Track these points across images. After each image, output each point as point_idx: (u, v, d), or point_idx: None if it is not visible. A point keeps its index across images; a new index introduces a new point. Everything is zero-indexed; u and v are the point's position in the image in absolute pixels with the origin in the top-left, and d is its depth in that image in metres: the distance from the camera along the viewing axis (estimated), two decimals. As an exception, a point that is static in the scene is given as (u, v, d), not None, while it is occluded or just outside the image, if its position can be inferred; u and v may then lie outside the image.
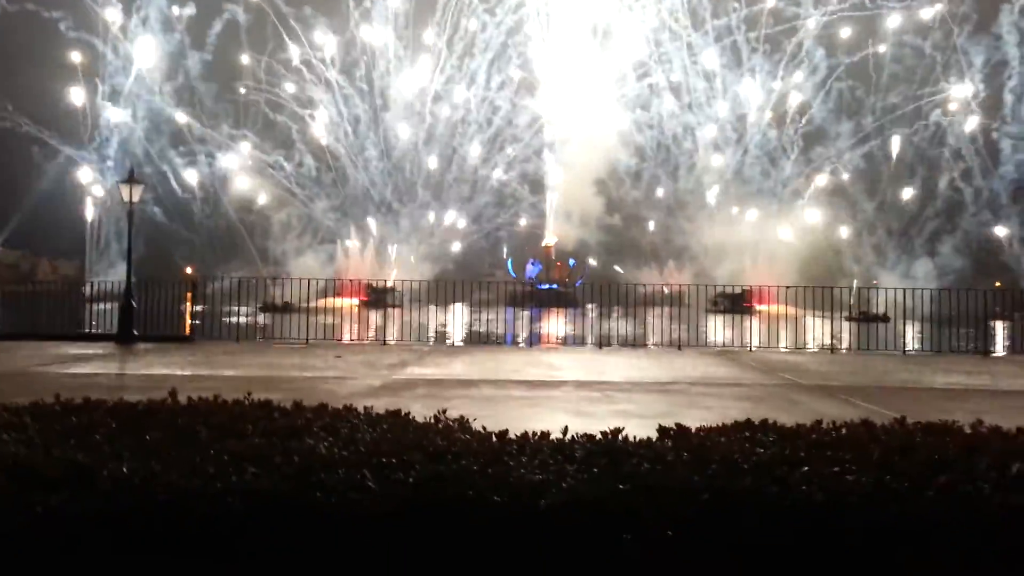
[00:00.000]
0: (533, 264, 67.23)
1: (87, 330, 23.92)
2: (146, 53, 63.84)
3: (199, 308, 25.57)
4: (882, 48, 59.47)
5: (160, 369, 13.82)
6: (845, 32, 60.54)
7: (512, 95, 65.96)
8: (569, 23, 63.13)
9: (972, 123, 58.53)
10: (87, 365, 14.46)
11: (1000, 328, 22.85)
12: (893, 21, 59.17)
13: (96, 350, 16.94)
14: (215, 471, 3.71)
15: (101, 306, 25.38)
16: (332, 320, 24.02)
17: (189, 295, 27.52)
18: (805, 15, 60.74)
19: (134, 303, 19.63)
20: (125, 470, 3.63)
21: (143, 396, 5.76)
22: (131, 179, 20.00)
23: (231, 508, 3.51)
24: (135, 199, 19.99)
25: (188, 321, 25.66)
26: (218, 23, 63.61)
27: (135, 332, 19.26)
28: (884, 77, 60.48)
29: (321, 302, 25.34)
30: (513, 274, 65.89)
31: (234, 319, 21.17)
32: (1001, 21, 56.40)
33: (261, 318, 26.38)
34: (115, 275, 27.81)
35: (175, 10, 63.54)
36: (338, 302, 31.16)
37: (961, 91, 58.52)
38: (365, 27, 65.57)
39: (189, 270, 58.56)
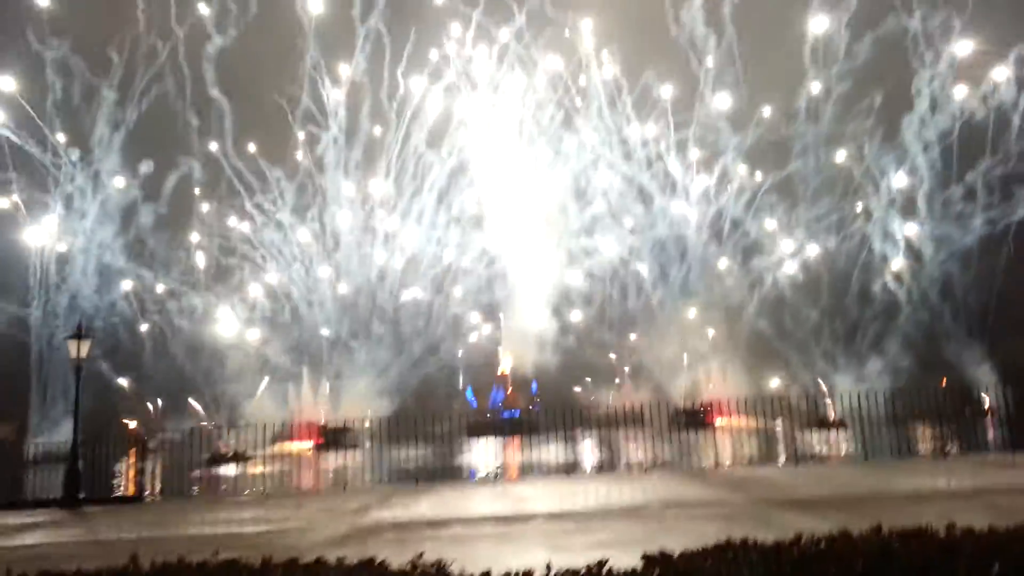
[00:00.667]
0: (497, 390, 66.71)
1: (28, 497, 22.64)
2: (96, 210, 64.13)
3: (147, 463, 24.59)
4: (799, 163, 63.46)
5: (112, 533, 13.08)
6: (769, 149, 64.46)
7: (460, 230, 67.81)
8: (509, 159, 65.95)
9: (895, 225, 61.97)
10: (33, 535, 13.61)
11: (949, 426, 23.30)
12: (812, 135, 63.45)
13: (41, 517, 15.98)
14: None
15: (41, 469, 24.19)
16: (288, 467, 23.31)
17: (133, 451, 26.47)
18: (726, 140, 64.88)
19: (80, 465, 18.76)
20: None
21: (99, 564, 5.46)
22: (79, 334, 19.60)
23: None
24: (83, 355, 19.52)
25: (134, 479, 24.59)
26: (172, 176, 64.46)
27: (81, 495, 18.31)
28: (809, 189, 64.17)
29: (276, 448, 24.64)
30: (474, 403, 65.27)
31: (184, 475, 20.35)
32: (904, 131, 60.98)
33: (211, 471, 25.44)
34: (58, 434, 26.66)
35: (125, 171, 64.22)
36: (293, 446, 30.33)
37: (878, 198, 62.36)
38: (318, 170, 67.32)
39: (132, 424, 56.47)
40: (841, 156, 63.31)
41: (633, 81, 66.27)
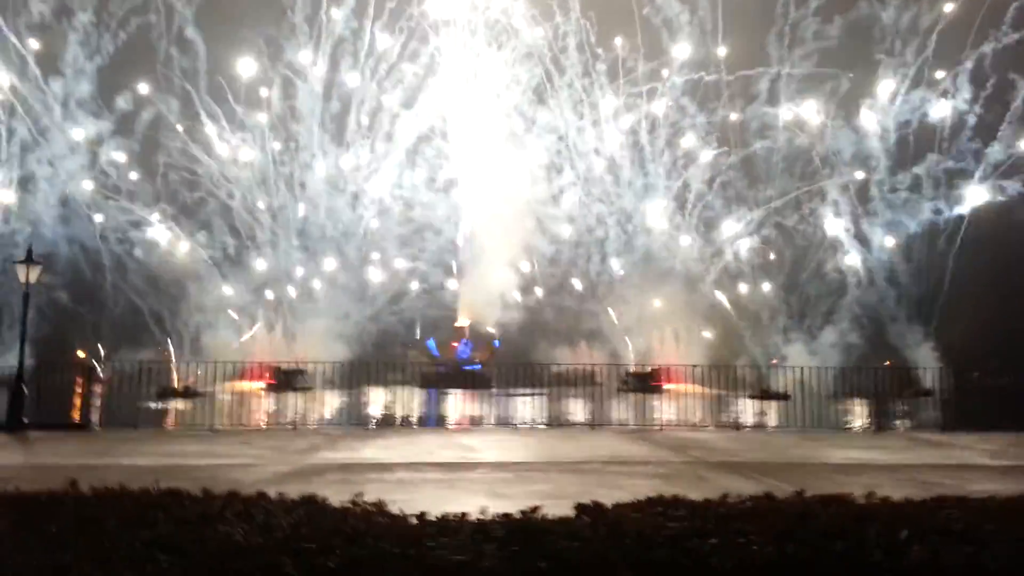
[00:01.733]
0: (465, 344, 66.87)
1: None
2: (61, 136, 61.92)
3: (97, 393, 24.31)
4: (759, 144, 64.47)
5: (55, 459, 13.00)
6: (734, 127, 65.21)
7: (430, 190, 67.46)
8: (482, 125, 65.42)
9: (846, 209, 63.38)
10: (-29, 456, 13.49)
11: (891, 405, 24.18)
12: (775, 118, 64.29)
13: (-19, 440, 15.81)
14: (127, 561, 3.60)
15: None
16: (237, 404, 23.24)
17: (81, 380, 26.11)
18: (693, 117, 65.49)
19: (25, 389, 18.51)
20: (31, 564, 3.50)
21: (40, 488, 5.48)
22: (28, 259, 19.18)
23: (144, 599, 3.42)
24: (32, 280, 19.13)
25: (80, 407, 24.31)
26: (144, 111, 62.51)
27: (25, 420, 18.10)
28: (771, 169, 65.19)
29: (227, 386, 24.54)
30: (437, 353, 65.47)
31: (133, 406, 20.20)
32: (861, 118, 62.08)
33: (161, 403, 25.29)
34: (7, 360, 26.16)
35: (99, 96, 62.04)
36: (243, 385, 30.20)
37: (836, 183, 63.69)
38: (293, 117, 65.93)
39: (81, 354, 55.57)
40: (801, 138, 64.30)
41: (608, 55, 66.13)
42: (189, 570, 3.59)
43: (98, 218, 63.35)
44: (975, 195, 59.44)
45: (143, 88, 62.85)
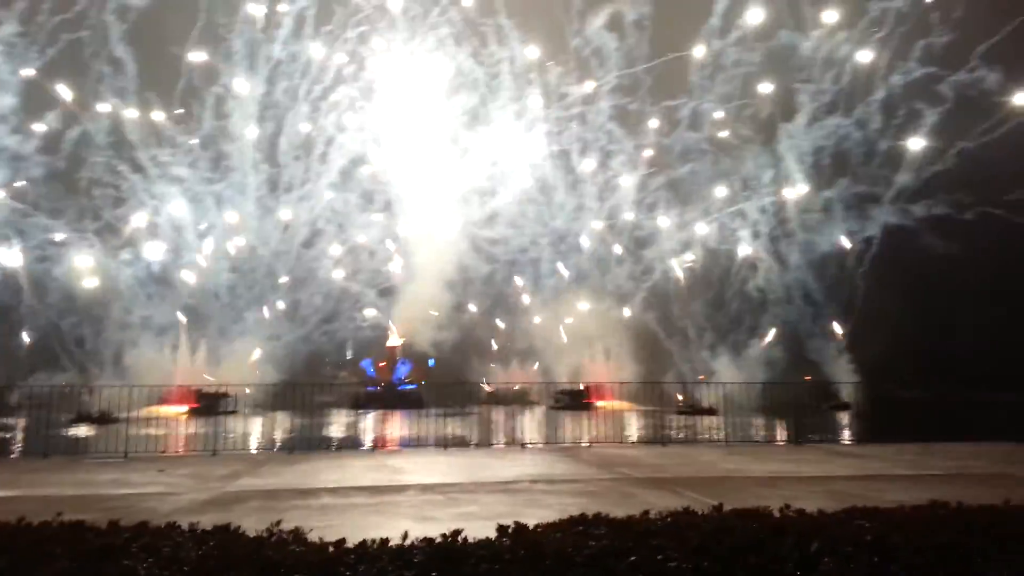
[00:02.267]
0: (402, 363, 66.14)
1: None
2: None
3: (9, 420, 23.07)
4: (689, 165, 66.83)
5: (-50, 492, 12.25)
6: (663, 149, 67.30)
7: (362, 208, 66.93)
8: (418, 143, 65.36)
9: (761, 228, 66.00)
10: None
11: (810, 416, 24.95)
12: (698, 142, 66.81)
13: None
14: (16, 602, 3.39)
15: None
16: (156, 430, 22.37)
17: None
18: (621, 141, 67.41)
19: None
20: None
21: (-71, 523, 5.14)
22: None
23: (33, 643, 3.21)
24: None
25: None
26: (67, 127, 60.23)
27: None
28: (694, 191, 67.51)
29: (145, 411, 23.62)
30: (372, 374, 64.56)
31: (43, 432, 19.21)
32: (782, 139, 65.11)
33: (74, 430, 24.16)
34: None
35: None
36: (165, 410, 29.10)
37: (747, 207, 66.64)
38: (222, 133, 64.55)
39: (-11, 379, 52.80)
40: (723, 161, 66.70)
41: (540, 80, 67.24)
42: (85, 609, 3.40)
43: (13, 237, 60.59)
44: (883, 218, 62.50)
45: (67, 101, 60.63)
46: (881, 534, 4.85)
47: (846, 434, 22.94)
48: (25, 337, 59.58)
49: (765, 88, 64.07)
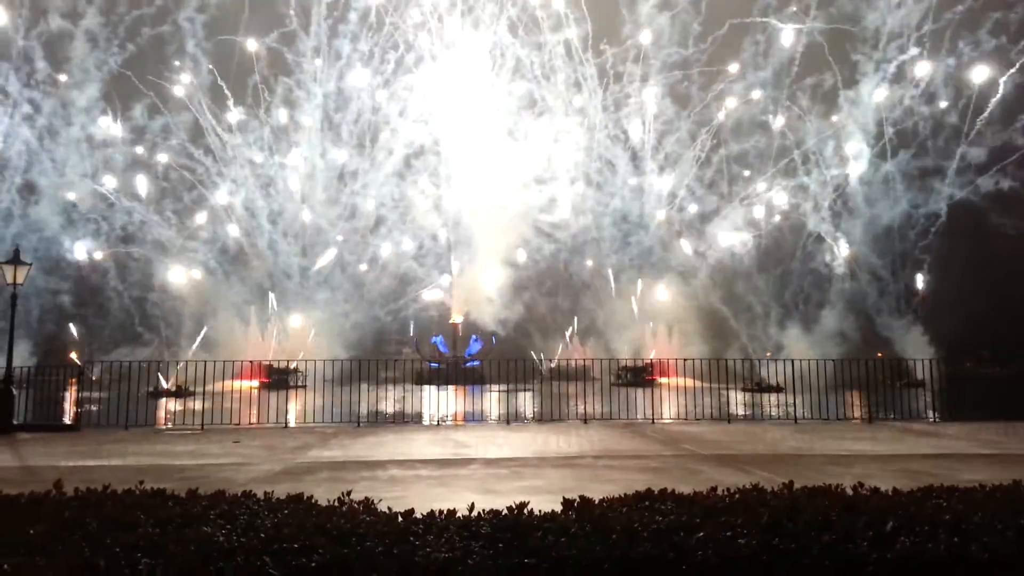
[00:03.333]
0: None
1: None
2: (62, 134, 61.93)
3: (93, 394, 24.18)
4: (754, 139, 65.28)
5: (43, 460, 12.94)
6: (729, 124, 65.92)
7: (423, 185, 67.72)
8: (480, 112, 65.39)
9: (829, 202, 64.00)
10: (-42, 459, 13.40)
11: (883, 395, 24.22)
12: (759, 117, 65.16)
13: (-32, 442, 15.72)
14: (106, 564, 3.56)
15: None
16: (230, 403, 23.14)
17: (74, 380, 26.02)
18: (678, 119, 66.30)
19: (13, 391, 18.43)
20: (7, 567, 3.45)
21: (25, 489, 5.44)
22: (16, 259, 19.07)
23: (122, 602, 3.38)
24: (19, 280, 19.02)
25: (72, 408, 24.19)
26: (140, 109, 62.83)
27: (15, 422, 18.02)
28: (758, 166, 65.95)
29: (218, 385, 24.43)
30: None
31: (124, 406, 20.08)
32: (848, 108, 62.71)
33: (152, 403, 25.16)
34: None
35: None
36: (236, 385, 30.05)
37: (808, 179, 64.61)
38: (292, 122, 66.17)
39: (74, 355, 55.51)
40: (788, 132, 64.90)
41: (596, 61, 66.47)
42: (169, 572, 3.55)
43: (102, 221, 63.61)
44: (952, 191, 60.12)
45: (149, 92, 63.08)
46: (960, 514, 4.68)
47: (921, 412, 22.18)
48: (110, 315, 62.53)
49: (824, 60, 62.25)
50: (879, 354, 50.34)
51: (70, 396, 26.02)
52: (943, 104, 60.48)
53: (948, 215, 59.21)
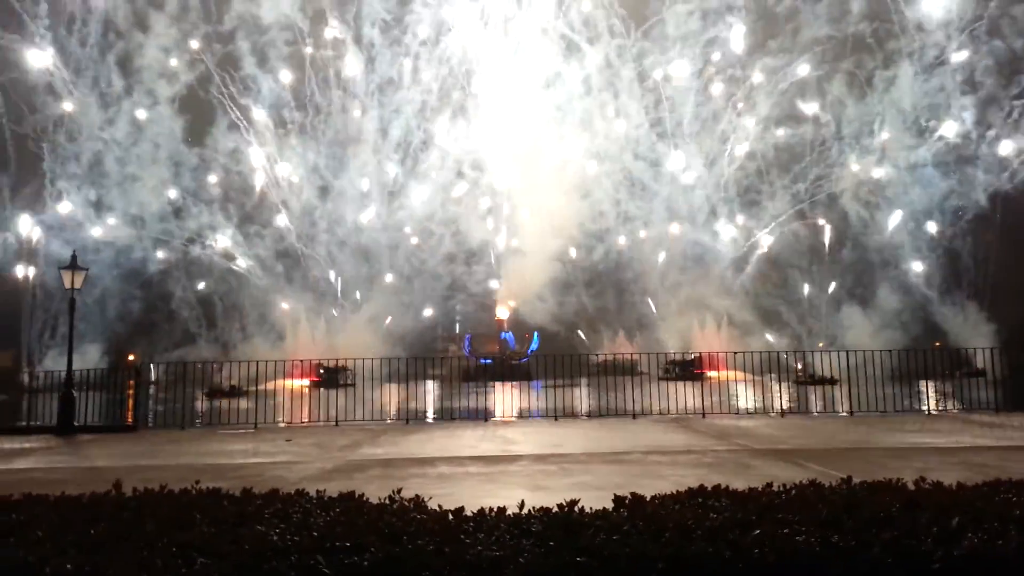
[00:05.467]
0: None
1: (25, 423, 22.98)
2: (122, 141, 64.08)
3: (151, 394, 24.85)
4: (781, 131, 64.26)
5: (103, 461, 13.32)
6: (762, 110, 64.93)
7: (466, 182, 68.24)
8: (517, 107, 65.38)
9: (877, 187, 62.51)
10: (25, 460, 13.87)
11: (942, 386, 23.56)
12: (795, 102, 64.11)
13: (35, 443, 16.27)
14: (163, 563, 3.62)
15: (42, 396, 24.47)
16: (282, 402, 23.53)
17: (132, 382, 26.78)
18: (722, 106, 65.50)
19: (74, 394, 19.03)
20: (69, 567, 3.52)
21: (86, 490, 5.58)
22: (73, 265, 19.66)
23: (180, 601, 3.43)
24: (78, 286, 19.61)
25: (130, 410, 24.88)
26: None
27: (76, 423, 18.61)
28: (802, 155, 64.84)
29: (271, 384, 24.88)
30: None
31: (181, 407, 20.60)
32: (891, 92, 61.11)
33: (208, 403, 25.72)
34: (61, 363, 27.02)
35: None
36: (288, 383, 30.59)
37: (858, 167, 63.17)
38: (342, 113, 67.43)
39: (131, 357, 57.21)
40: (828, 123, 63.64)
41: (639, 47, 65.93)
42: (224, 571, 3.59)
43: (167, 228, 65.65)
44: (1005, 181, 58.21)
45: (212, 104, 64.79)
46: (1031, 509, 4.48)
47: (982, 403, 21.48)
48: (176, 319, 64.53)
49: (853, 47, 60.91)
50: (936, 343, 48.96)
51: (129, 398, 26.76)
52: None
53: (1007, 203, 57.32)
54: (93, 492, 5.26)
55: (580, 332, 62.61)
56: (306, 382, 36.86)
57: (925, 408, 19.60)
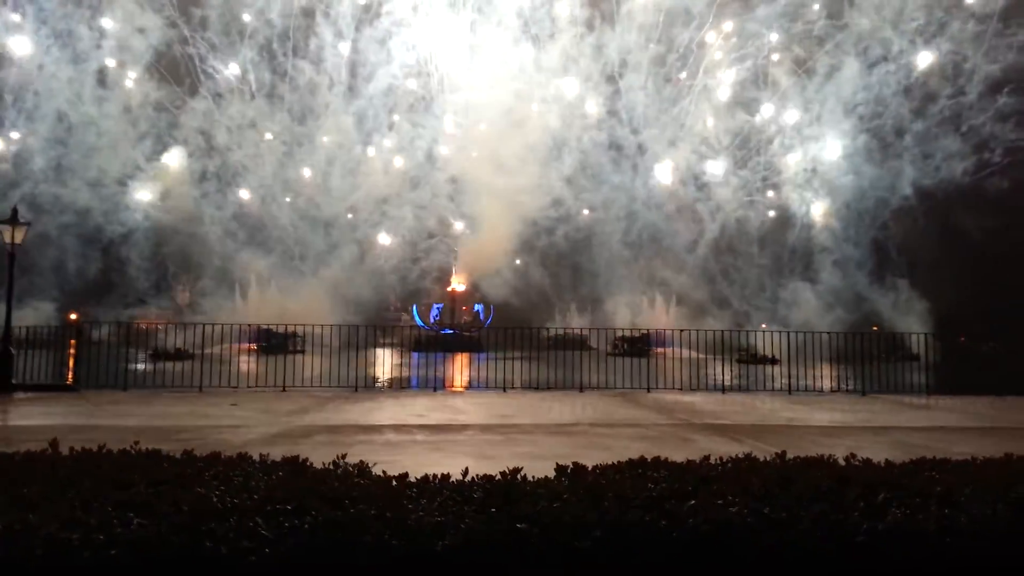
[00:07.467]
0: (436, 308, 67.56)
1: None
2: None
3: (87, 354, 24.26)
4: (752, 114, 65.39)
5: (40, 420, 13.00)
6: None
7: (428, 152, 67.48)
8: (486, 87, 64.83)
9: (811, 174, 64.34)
10: (-44, 417, 13.47)
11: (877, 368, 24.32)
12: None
13: (-33, 401, 15.80)
14: (97, 522, 3.57)
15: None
16: (228, 367, 23.16)
17: (73, 341, 26.10)
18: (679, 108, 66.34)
19: (12, 351, 18.47)
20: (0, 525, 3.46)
21: (20, 448, 5.45)
22: (14, 219, 18.98)
23: (115, 560, 3.39)
24: (17, 240, 18.95)
25: (71, 369, 24.27)
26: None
27: (13, 381, 18.08)
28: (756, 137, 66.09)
29: (217, 348, 24.47)
30: (420, 323, 65.93)
31: (123, 367, 20.16)
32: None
33: (152, 365, 25.22)
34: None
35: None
36: (237, 347, 30.13)
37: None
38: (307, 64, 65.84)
39: (73, 316, 55.71)
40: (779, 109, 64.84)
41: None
42: (162, 532, 3.56)
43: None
44: (945, 169, 60.11)
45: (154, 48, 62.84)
46: (952, 486, 4.70)
47: (915, 386, 22.30)
48: (130, 278, 62.90)
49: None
50: (874, 327, 50.52)
51: (70, 357, 26.06)
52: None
53: (945, 193, 59.13)
54: (28, 451, 5.14)
55: (535, 306, 63.04)
56: (253, 346, 36.36)
57: (860, 389, 20.27)
